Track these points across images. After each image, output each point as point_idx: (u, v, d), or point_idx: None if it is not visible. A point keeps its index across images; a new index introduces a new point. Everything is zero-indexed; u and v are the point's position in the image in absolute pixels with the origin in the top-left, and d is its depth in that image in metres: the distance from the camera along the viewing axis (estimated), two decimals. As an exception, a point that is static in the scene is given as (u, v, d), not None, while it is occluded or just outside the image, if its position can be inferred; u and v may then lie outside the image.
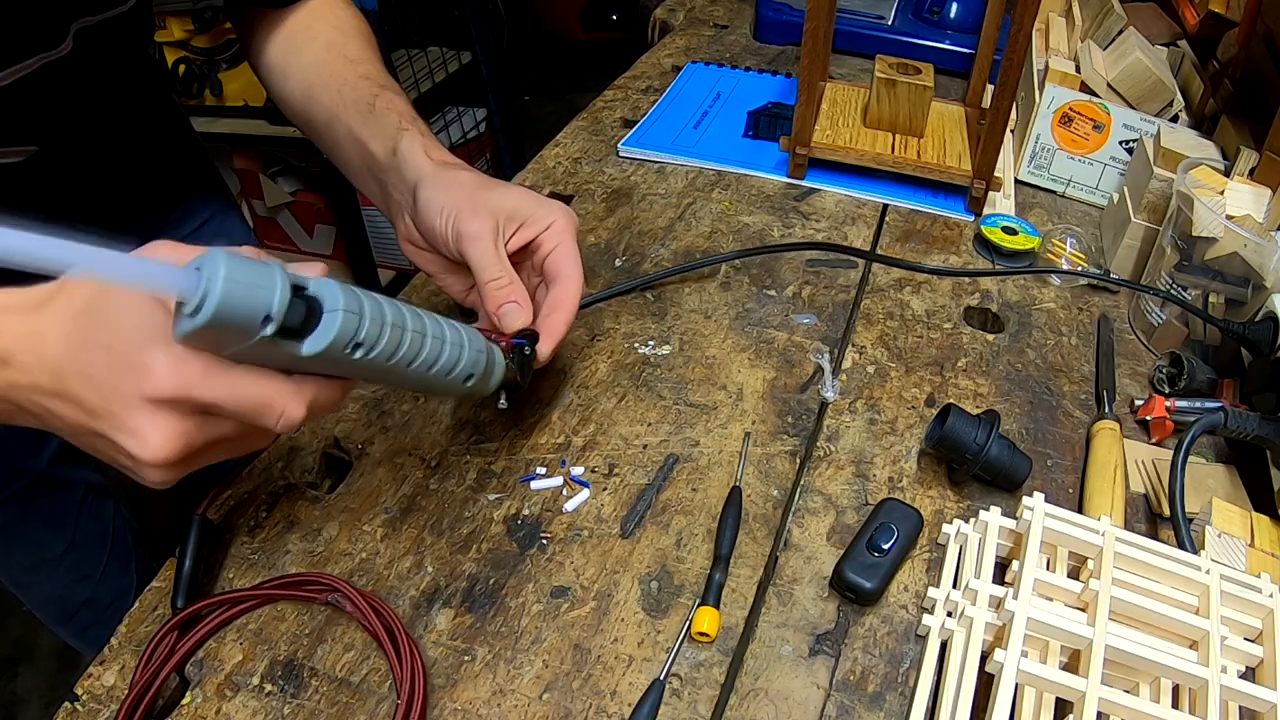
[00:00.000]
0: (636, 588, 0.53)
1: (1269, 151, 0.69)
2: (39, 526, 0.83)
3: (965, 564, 0.53)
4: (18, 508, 0.80)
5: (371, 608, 0.50)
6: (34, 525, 0.83)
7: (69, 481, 0.85)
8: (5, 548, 0.83)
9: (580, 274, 0.58)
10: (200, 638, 0.50)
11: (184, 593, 0.51)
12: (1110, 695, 0.42)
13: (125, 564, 0.92)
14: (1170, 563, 0.49)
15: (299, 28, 0.68)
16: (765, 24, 1.25)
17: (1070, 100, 0.88)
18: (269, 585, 0.52)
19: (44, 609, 0.91)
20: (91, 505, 0.87)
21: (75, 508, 0.86)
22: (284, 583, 0.52)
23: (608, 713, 0.47)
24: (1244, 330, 0.63)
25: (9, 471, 0.78)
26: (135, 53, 0.70)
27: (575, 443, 0.62)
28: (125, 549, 0.92)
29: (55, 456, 0.81)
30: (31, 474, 0.80)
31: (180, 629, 0.50)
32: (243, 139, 1.82)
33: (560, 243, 0.57)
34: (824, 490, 0.60)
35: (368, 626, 0.50)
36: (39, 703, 1.50)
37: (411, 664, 0.47)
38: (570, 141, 1.00)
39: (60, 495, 0.84)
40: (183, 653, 0.49)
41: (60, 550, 0.85)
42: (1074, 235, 0.82)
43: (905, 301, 0.77)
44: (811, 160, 0.91)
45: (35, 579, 0.87)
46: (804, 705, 0.48)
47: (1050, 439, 0.64)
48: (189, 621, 0.50)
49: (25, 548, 0.84)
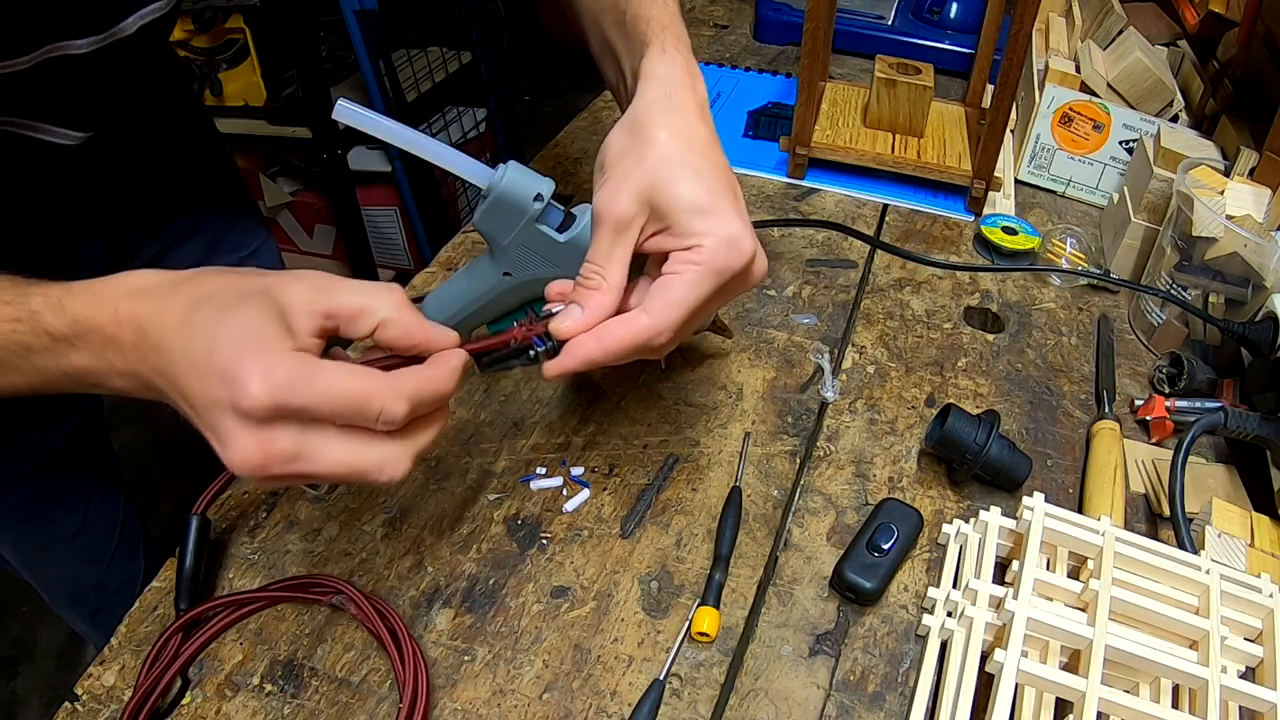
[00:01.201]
0: (636, 588, 0.53)
1: (1269, 151, 0.69)
2: (52, 506, 0.84)
3: (965, 564, 0.53)
4: (33, 485, 0.81)
5: (375, 610, 0.50)
6: (48, 504, 0.83)
7: (83, 463, 0.85)
8: (19, 526, 0.84)
9: (664, 323, 0.43)
10: (205, 640, 0.50)
11: (186, 593, 0.51)
12: (1110, 695, 0.42)
13: (133, 550, 0.92)
14: (1170, 563, 0.49)
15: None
16: (765, 24, 1.25)
17: (1070, 100, 0.88)
18: (274, 587, 0.52)
19: (53, 591, 0.91)
20: (104, 488, 0.88)
21: (88, 490, 0.86)
22: (289, 585, 0.52)
23: (608, 713, 0.47)
24: (1244, 330, 0.63)
25: (26, 448, 0.79)
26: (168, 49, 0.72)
27: (575, 443, 0.62)
28: (134, 535, 0.92)
29: (70, 436, 0.81)
30: (47, 452, 0.80)
31: (184, 631, 0.50)
32: (243, 139, 1.82)
33: (683, 275, 0.43)
34: (824, 490, 0.60)
35: (371, 629, 0.50)
36: (39, 703, 1.50)
37: (414, 666, 0.47)
38: (570, 141, 1.00)
39: (74, 475, 0.85)
40: (187, 655, 0.49)
41: (72, 531, 0.86)
42: (1074, 235, 0.82)
43: (905, 301, 0.77)
44: (811, 160, 0.91)
45: (46, 560, 0.87)
46: (804, 705, 0.48)
47: (1050, 439, 0.64)
48: (193, 623, 0.51)
49: (38, 527, 0.84)
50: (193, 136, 0.87)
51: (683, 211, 0.43)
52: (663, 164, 0.44)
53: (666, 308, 0.43)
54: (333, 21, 1.74)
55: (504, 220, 0.49)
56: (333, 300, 0.38)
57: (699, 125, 0.46)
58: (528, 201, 0.49)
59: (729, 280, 0.44)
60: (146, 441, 1.74)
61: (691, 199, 0.43)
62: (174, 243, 0.82)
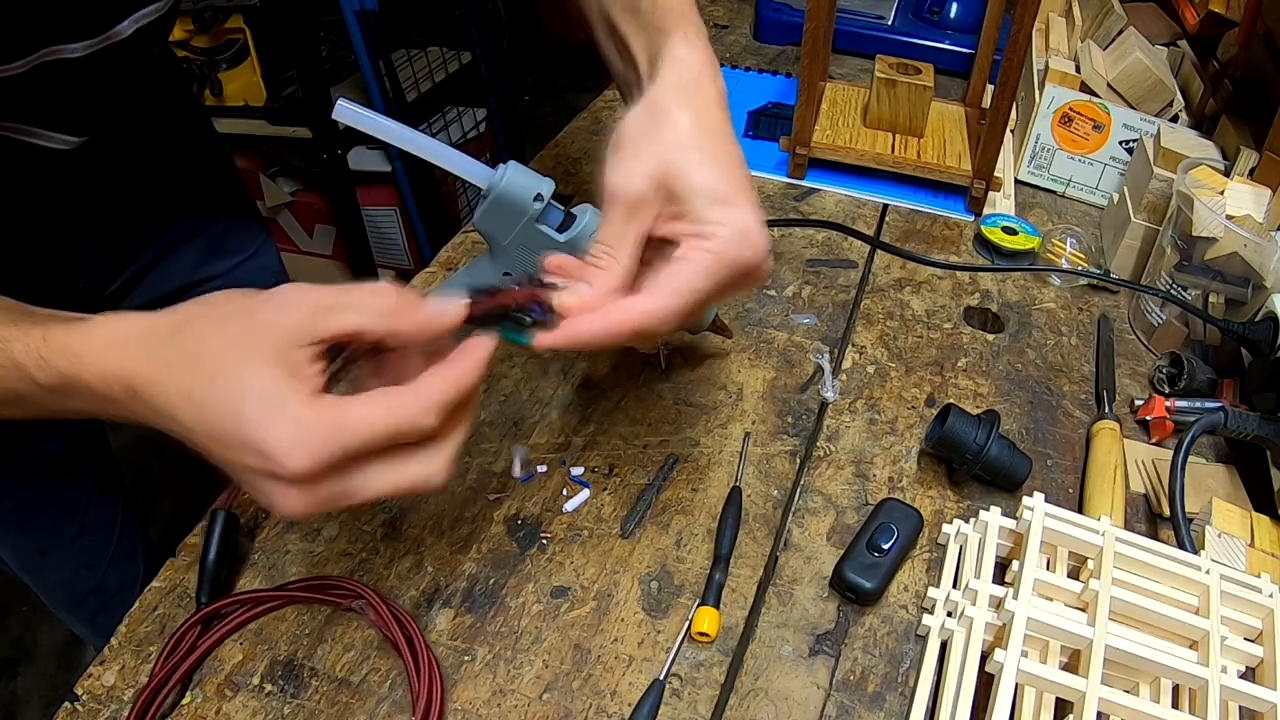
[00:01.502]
0: (636, 588, 0.53)
1: (1269, 151, 0.69)
2: (52, 509, 0.83)
3: (965, 564, 0.53)
4: (32, 489, 0.80)
5: (394, 616, 0.50)
6: (47, 507, 0.83)
7: (82, 466, 0.85)
8: (18, 529, 0.84)
9: (668, 308, 0.42)
10: (222, 635, 0.50)
11: (208, 587, 0.52)
12: (1110, 695, 0.42)
13: (132, 553, 0.92)
14: (1170, 563, 0.49)
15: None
16: (765, 24, 1.25)
17: (1070, 100, 0.88)
18: (293, 587, 0.52)
19: (52, 594, 0.91)
20: (102, 492, 0.88)
21: (86, 493, 0.86)
22: (308, 585, 0.52)
23: (608, 713, 0.47)
24: (1244, 330, 0.63)
25: (26, 451, 0.79)
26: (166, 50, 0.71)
27: (575, 443, 0.62)
28: (133, 538, 0.92)
29: (69, 439, 0.81)
30: (46, 455, 0.80)
31: (202, 625, 0.50)
32: (243, 139, 1.82)
33: (693, 262, 0.42)
34: (824, 490, 0.60)
35: (389, 635, 0.49)
36: (39, 703, 1.50)
37: (429, 675, 0.47)
38: (570, 141, 1.00)
39: (72, 479, 0.84)
40: (204, 649, 0.49)
41: (71, 534, 0.85)
42: (1074, 235, 0.82)
43: (905, 301, 0.77)
44: (811, 160, 0.91)
45: (45, 563, 0.87)
46: (804, 705, 0.48)
47: (1050, 439, 0.64)
48: (208, 619, 0.51)
49: (37, 530, 0.84)
50: (191, 139, 0.86)
51: (699, 198, 0.42)
52: (682, 147, 0.43)
53: (674, 294, 0.42)
54: (333, 21, 1.74)
55: (504, 220, 0.50)
56: (328, 328, 0.38)
57: (720, 114, 0.45)
58: (528, 201, 0.49)
59: (738, 274, 0.43)
60: (146, 442, 1.74)
61: (711, 186, 0.42)
62: (173, 245, 0.82)
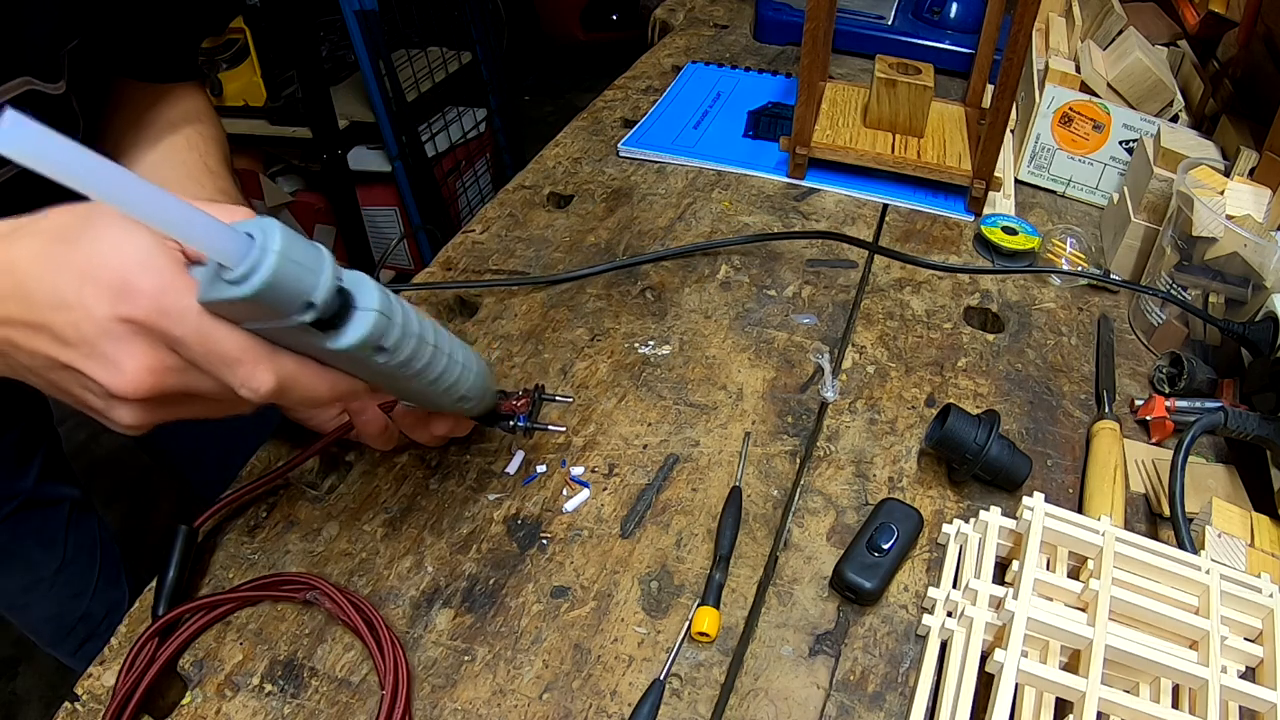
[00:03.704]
0: (636, 588, 0.53)
1: (1269, 151, 0.69)
2: (31, 546, 0.83)
3: (965, 564, 0.53)
4: (10, 530, 0.80)
5: (350, 603, 0.50)
6: (27, 546, 0.83)
7: (55, 498, 0.85)
8: (2, 573, 0.83)
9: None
10: (181, 643, 0.50)
11: (166, 600, 0.51)
12: (1110, 695, 0.42)
13: (115, 578, 0.92)
14: (1170, 563, 0.49)
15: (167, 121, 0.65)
16: (765, 24, 1.25)
17: (1070, 100, 0.88)
18: (246, 587, 0.52)
19: (39, 630, 0.90)
20: (78, 520, 0.87)
21: (64, 524, 0.85)
22: (261, 584, 0.52)
23: (608, 713, 0.47)
24: (1244, 330, 0.63)
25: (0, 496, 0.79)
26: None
27: (575, 443, 0.62)
28: (114, 562, 0.92)
29: (40, 474, 0.81)
30: (21, 495, 0.80)
31: (161, 635, 0.50)
32: (243, 139, 1.82)
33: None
34: (824, 490, 0.60)
35: (347, 621, 0.50)
36: (39, 703, 1.50)
37: (394, 656, 0.48)
38: (570, 141, 1.00)
39: (49, 513, 0.84)
40: (165, 658, 0.48)
41: (54, 568, 0.85)
42: (1074, 235, 0.82)
43: (905, 301, 0.77)
44: (811, 160, 0.91)
45: (30, 600, 0.86)
46: (804, 705, 0.48)
47: (1050, 439, 0.64)
48: (170, 627, 0.50)
49: (19, 569, 0.84)
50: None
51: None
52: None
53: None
54: (333, 21, 1.75)
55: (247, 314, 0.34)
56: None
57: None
58: (292, 308, 0.32)
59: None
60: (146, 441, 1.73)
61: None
62: None
